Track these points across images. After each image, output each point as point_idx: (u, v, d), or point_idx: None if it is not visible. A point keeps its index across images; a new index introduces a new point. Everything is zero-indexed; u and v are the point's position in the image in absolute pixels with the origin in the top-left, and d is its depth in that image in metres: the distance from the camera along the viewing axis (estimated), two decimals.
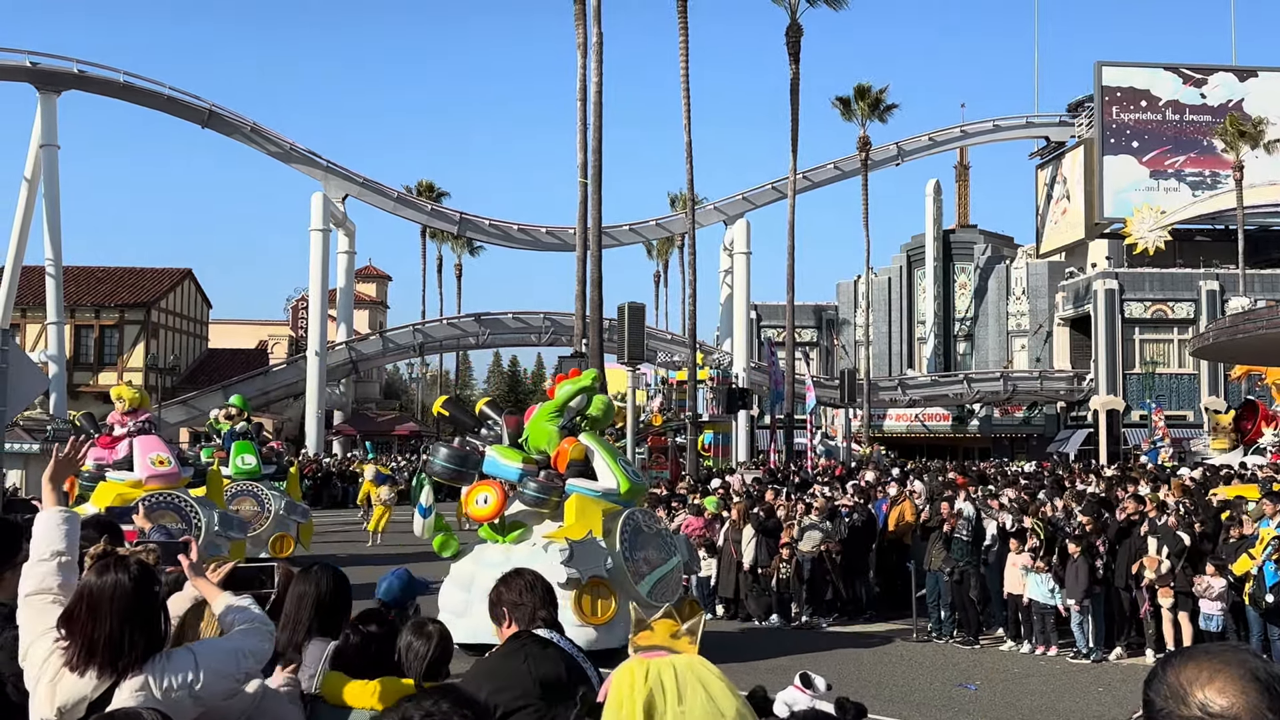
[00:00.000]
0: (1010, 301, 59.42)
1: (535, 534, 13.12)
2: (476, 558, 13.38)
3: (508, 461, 13.25)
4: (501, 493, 12.98)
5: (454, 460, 13.56)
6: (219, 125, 50.05)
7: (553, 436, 13.40)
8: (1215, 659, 1.84)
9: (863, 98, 53.88)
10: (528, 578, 4.30)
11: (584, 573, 12.22)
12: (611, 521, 12.85)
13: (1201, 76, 59.31)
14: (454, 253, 74.45)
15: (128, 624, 3.33)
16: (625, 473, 13.27)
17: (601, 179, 33.76)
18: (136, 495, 15.53)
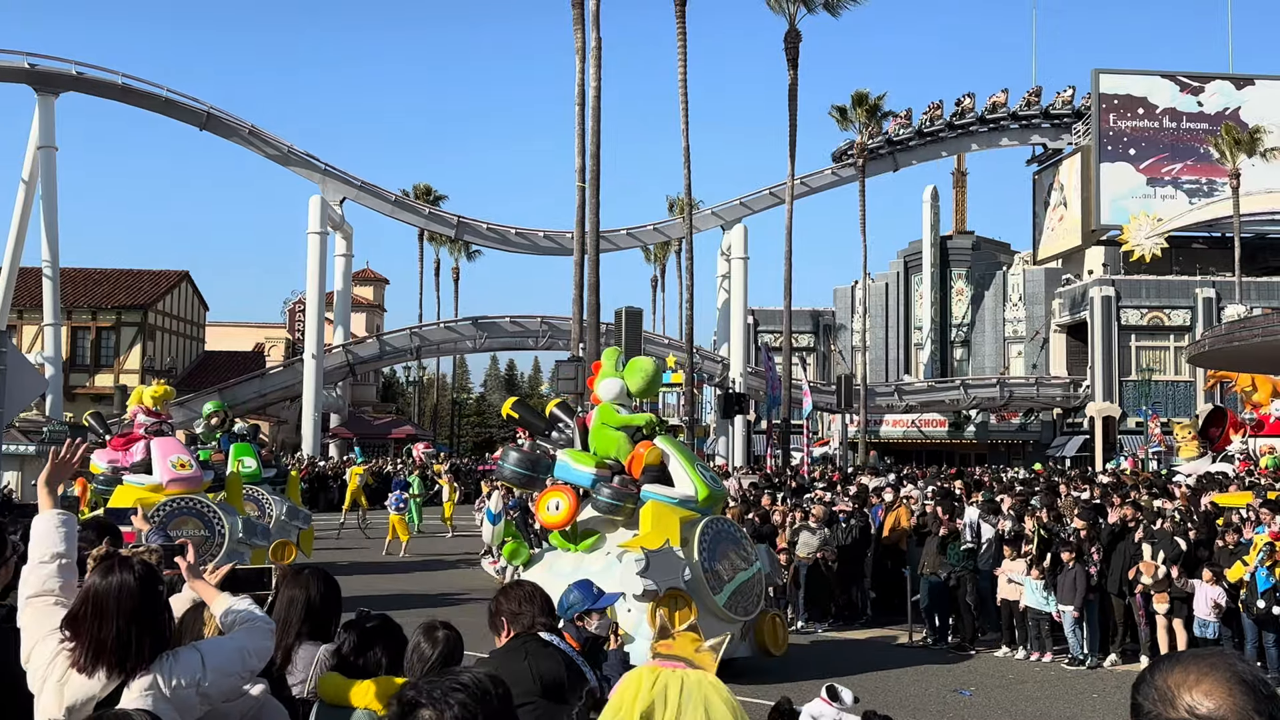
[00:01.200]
0: (1007, 308, 59.50)
1: (609, 542, 12.63)
2: (548, 567, 12.79)
3: (580, 466, 12.71)
4: (574, 499, 12.46)
5: (524, 464, 13.07)
6: (217, 127, 50.07)
7: (621, 443, 12.81)
8: (1202, 663, 1.86)
9: (860, 104, 53.95)
10: (527, 589, 4.35)
11: (661, 584, 11.61)
12: (689, 530, 12.29)
13: (1198, 84, 59.45)
14: (451, 256, 74.44)
15: (134, 624, 3.35)
16: (703, 478, 12.70)
17: (600, 183, 33.81)
18: (157, 500, 14.92)
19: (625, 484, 12.45)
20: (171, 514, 14.77)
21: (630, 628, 11.20)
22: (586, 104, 33.97)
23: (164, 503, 14.91)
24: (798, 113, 47.33)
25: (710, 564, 12.10)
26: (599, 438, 12.97)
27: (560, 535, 12.83)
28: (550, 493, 12.69)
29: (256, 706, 3.72)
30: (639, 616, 11.57)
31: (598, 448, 12.94)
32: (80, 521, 8.04)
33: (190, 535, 13.96)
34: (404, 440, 61.87)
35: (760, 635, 12.56)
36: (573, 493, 12.50)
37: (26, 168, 45.63)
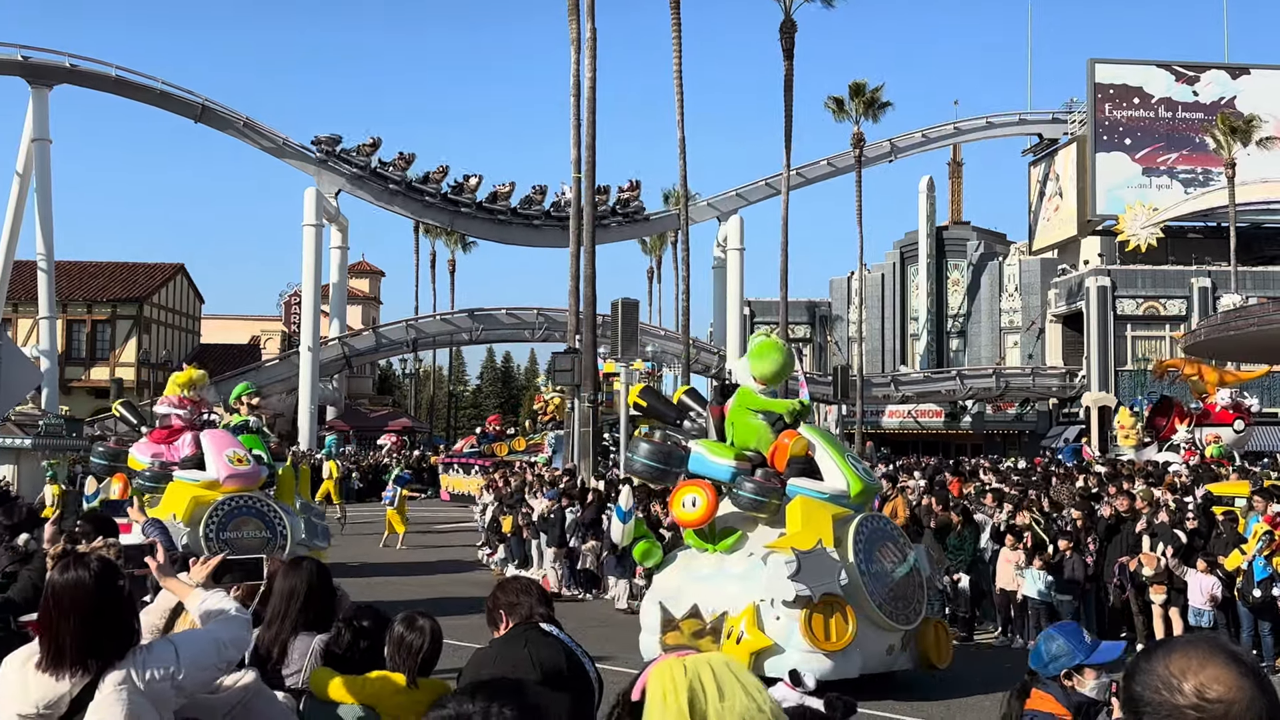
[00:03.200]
0: (1003, 298, 59.54)
1: (751, 542, 11.49)
2: (685, 569, 11.81)
3: (718, 458, 11.64)
4: (713, 494, 11.37)
5: (656, 457, 12.08)
6: (212, 120, 49.96)
7: (762, 433, 11.80)
8: (1200, 648, 1.87)
9: (857, 95, 53.90)
10: (523, 582, 4.33)
11: (815, 589, 10.51)
12: (842, 528, 11.12)
13: (1194, 74, 59.43)
14: (447, 248, 74.41)
15: (92, 621, 3.33)
16: (856, 471, 11.65)
17: (595, 175, 33.75)
18: (214, 498, 13.73)
19: (769, 477, 11.42)
20: (231, 514, 13.64)
21: (779, 637, 10.58)
22: (582, 95, 33.91)
23: (222, 501, 13.69)
24: (793, 104, 47.31)
25: (866, 566, 10.99)
26: (738, 426, 11.93)
27: (695, 534, 11.79)
28: (685, 488, 11.63)
29: (245, 697, 3.71)
30: (789, 625, 10.62)
31: (736, 438, 11.92)
32: (86, 515, 8.03)
33: (251, 537, 13.36)
34: (401, 433, 61.89)
35: (923, 645, 11.34)
36: (711, 488, 11.44)
37: (21, 161, 45.51)
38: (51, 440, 28.93)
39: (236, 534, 13.36)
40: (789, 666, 10.34)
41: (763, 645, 10.55)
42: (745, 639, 10.51)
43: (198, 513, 13.53)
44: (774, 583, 10.54)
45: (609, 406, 42.02)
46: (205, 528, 13.19)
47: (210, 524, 13.30)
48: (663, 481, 12.48)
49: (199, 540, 12.70)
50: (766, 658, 10.50)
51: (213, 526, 13.28)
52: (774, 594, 10.57)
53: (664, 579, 11.89)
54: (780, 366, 11.99)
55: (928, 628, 11.39)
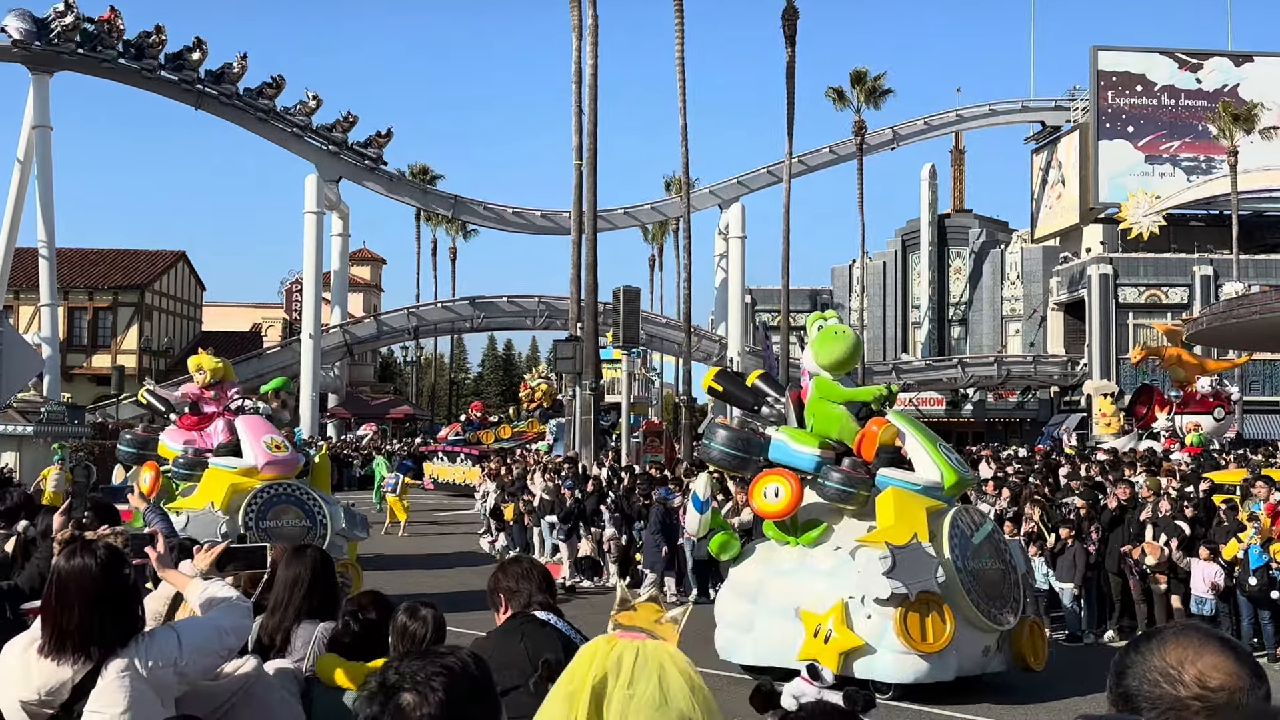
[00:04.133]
0: (1004, 286, 59.45)
1: (837, 535, 10.97)
2: (764, 562, 11.37)
3: (801, 446, 11.10)
4: (797, 485, 10.81)
5: (735, 444, 11.37)
6: (212, 106, 49.80)
7: (845, 421, 11.30)
8: (1192, 636, 1.85)
9: (859, 83, 53.75)
10: (524, 565, 4.23)
11: (912, 586, 9.95)
12: (935, 522, 10.54)
13: (1197, 61, 59.23)
14: (448, 236, 74.29)
15: (96, 608, 3.33)
16: (949, 461, 11.09)
17: (597, 162, 33.71)
18: (253, 485, 13.15)
19: (857, 467, 10.88)
20: (270, 502, 13.06)
21: (870, 637, 10.17)
22: (584, 82, 33.84)
23: (260, 489, 13.10)
24: (795, 91, 47.19)
25: (963, 562, 10.42)
26: (819, 414, 11.35)
27: (775, 526, 11.25)
28: (767, 477, 11.03)
29: (245, 685, 3.71)
30: (882, 624, 10.15)
31: (817, 426, 11.37)
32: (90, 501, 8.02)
33: (291, 526, 12.87)
34: (402, 420, 61.91)
35: (1018, 646, 10.75)
36: (795, 477, 10.88)
37: (21, 147, 45.38)
38: (53, 427, 28.92)
39: (276, 522, 12.87)
40: (882, 667, 10.00)
41: (852, 645, 10.16)
42: (833, 638, 10.15)
43: (235, 501, 12.98)
44: (867, 579, 10.06)
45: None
46: (244, 516, 12.70)
47: (249, 512, 12.83)
48: (742, 470, 11.95)
49: (238, 529, 12.28)
50: (856, 658, 10.17)
51: (251, 515, 12.81)
52: (866, 591, 10.10)
53: (742, 573, 11.43)
54: (847, 352, 11.45)
55: (1023, 628, 10.86)
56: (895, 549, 9.99)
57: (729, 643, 11.19)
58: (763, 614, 10.94)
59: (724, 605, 11.41)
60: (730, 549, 11.62)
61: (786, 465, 11.08)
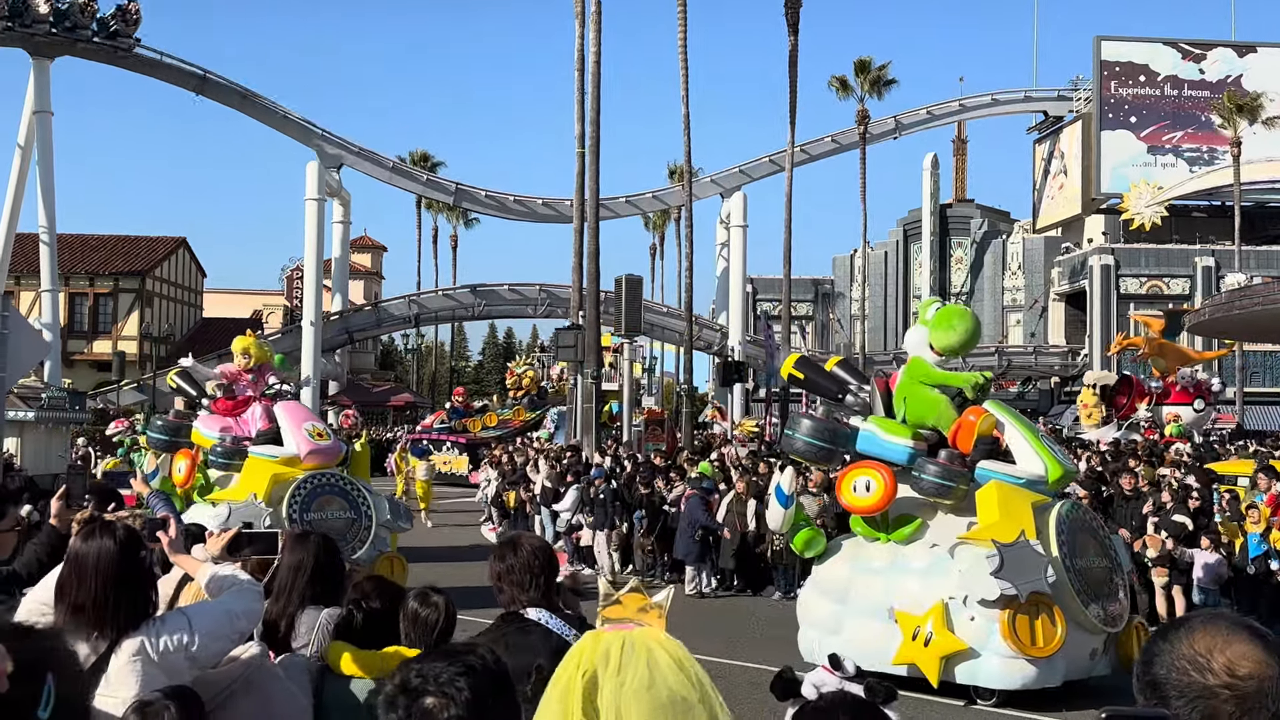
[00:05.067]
0: (1006, 276, 59.42)
1: (933, 532, 10.43)
2: (852, 560, 10.81)
3: (893, 437, 10.53)
4: (890, 478, 10.24)
5: (821, 435, 10.72)
6: (212, 92, 49.69)
7: (942, 409, 10.66)
8: (1220, 624, 1.84)
9: (863, 72, 53.64)
10: (510, 558, 3.97)
11: (1021, 587, 9.39)
12: (1041, 518, 9.97)
13: (1200, 52, 59.11)
14: (449, 223, 74.22)
15: (113, 588, 3.34)
16: (1052, 453, 10.47)
17: (599, 150, 33.61)
18: (295, 475, 12.49)
19: (954, 459, 10.27)
20: (313, 493, 12.41)
21: (974, 640, 9.69)
22: (586, 69, 33.73)
23: (304, 479, 12.43)
24: (798, 80, 47.10)
25: (1071, 561, 9.85)
26: (912, 401, 10.75)
27: (863, 521, 10.69)
28: (857, 470, 10.47)
29: (247, 672, 3.70)
30: (988, 626, 9.63)
31: (910, 414, 10.77)
32: (90, 487, 8.04)
33: (335, 517, 12.30)
34: (403, 408, 61.92)
35: (1125, 648, 10.21)
36: (888, 470, 10.32)
37: (22, 133, 45.28)
38: (55, 413, 28.91)
39: (320, 514, 12.25)
40: (987, 672, 9.70)
41: (955, 649, 9.71)
42: (934, 641, 9.71)
43: (277, 491, 12.36)
44: (971, 579, 9.54)
45: None
46: (288, 508, 12.06)
47: (293, 503, 12.18)
48: (828, 462, 11.38)
49: (281, 521, 11.63)
50: (959, 662, 9.76)
51: (295, 506, 12.17)
52: (970, 592, 9.61)
53: (828, 571, 10.92)
54: (967, 336, 10.82)
55: (1130, 629, 10.37)
56: (1003, 547, 9.39)
57: (814, 644, 10.65)
58: (852, 615, 10.47)
59: (809, 605, 10.93)
60: (815, 546, 11.06)
61: (876, 457, 10.54)
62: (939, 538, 10.31)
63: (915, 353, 10.95)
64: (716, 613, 15.07)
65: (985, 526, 9.79)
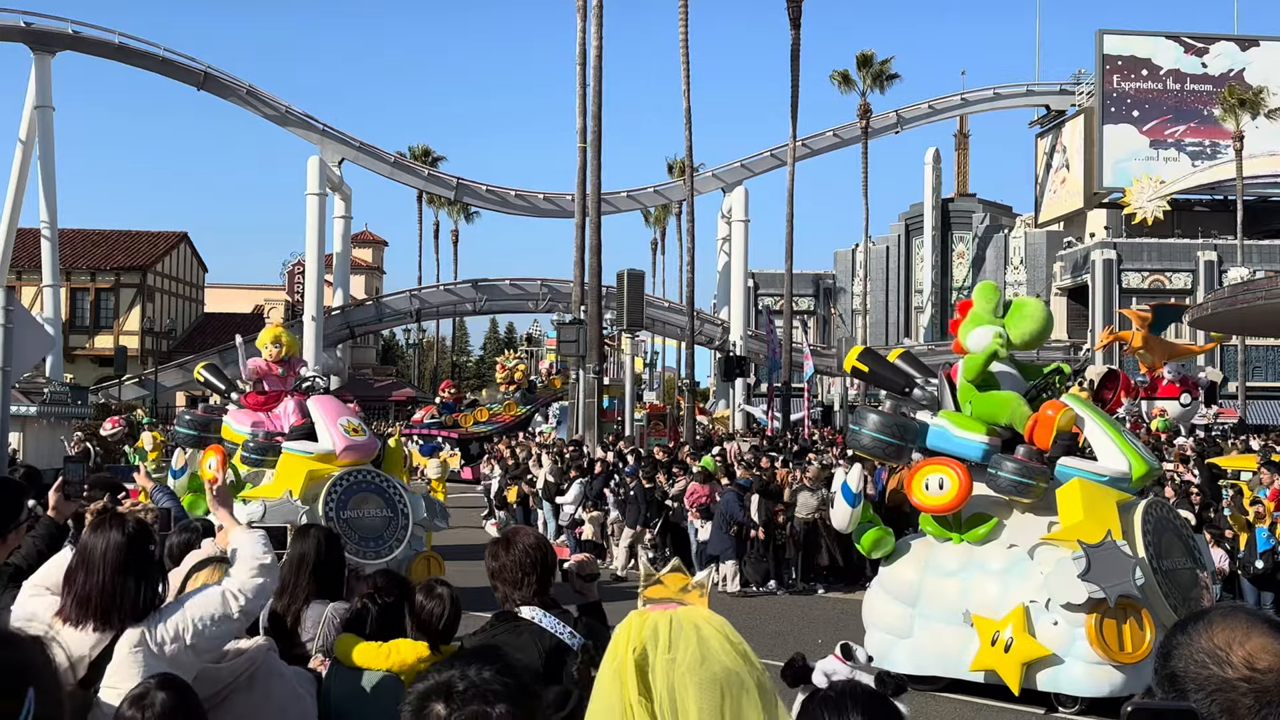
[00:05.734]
0: (1008, 271, 59.38)
1: (1010, 532, 9.98)
2: (923, 562, 10.37)
3: (966, 433, 10.05)
4: (965, 476, 9.79)
5: (889, 430, 10.20)
6: (214, 87, 49.68)
7: (1015, 404, 10.15)
8: (1236, 617, 1.83)
9: (865, 66, 53.58)
10: (520, 545, 3.92)
11: (1110, 590, 8.94)
12: (1125, 517, 9.48)
13: (1203, 45, 59.02)
14: (450, 218, 74.20)
15: (120, 577, 3.37)
16: (1135, 449, 10.01)
17: (601, 144, 33.58)
18: (330, 471, 11.95)
19: (1032, 456, 9.83)
20: (349, 490, 11.86)
21: (1058, 646, 9.33)
22: (588, 63, 33.68)
23: (340, 476, 11.84)
24: (800, 74, 47.04)
25: (1158, 562, 9.40)
26: (982, 400, 10.24)
27: (933, 520, 10.22)
28: (929, 467, 9.99)
29: (251, 668, 3.69)
30: (1072, 631, 9.26)
31: (980, 409, 10.28)
32: (94, 480, 8.03)
33: (372, 517, 11.85)
34: (404, 402, 61.92)
35: None
36: (963, 468, 9.87)
37: (24, 128, 45.29)
38: (57, 408, 28.94)
39: (357, 513, 11.75)
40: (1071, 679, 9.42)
41: (1037, 654, 9.34)
42: (1014, 646, 9.35)
43: (312, 489, 11.80)
44: (1054, 582, 9.10)
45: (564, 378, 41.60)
46: (324, 505, 11.50)
47: (329, 501, 11.62)
48: (896, 459, 10.87)
49: (318, 520, 11.01)
50: (1042, 669, 9.41)
51: (331, 504, 11.59)
52: (1053, 595, 9.23)
53: (896, 573, 10.44)
54: (1043, 327, 10.50)
55: None
56: (1089, 548, 8.91)
57: (881, 648, 10.23)
58: (923, 618, 10.06)
59: (876, 608, 10.48)
60: (884, 546, 10.56)
61: (946, 453, 10.07)
62: (1016, 538, 9.89)
63: (978, 349, 10.36)
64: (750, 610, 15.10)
65: (1069, 527, 9.36)
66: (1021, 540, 9.81)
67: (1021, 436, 10.08)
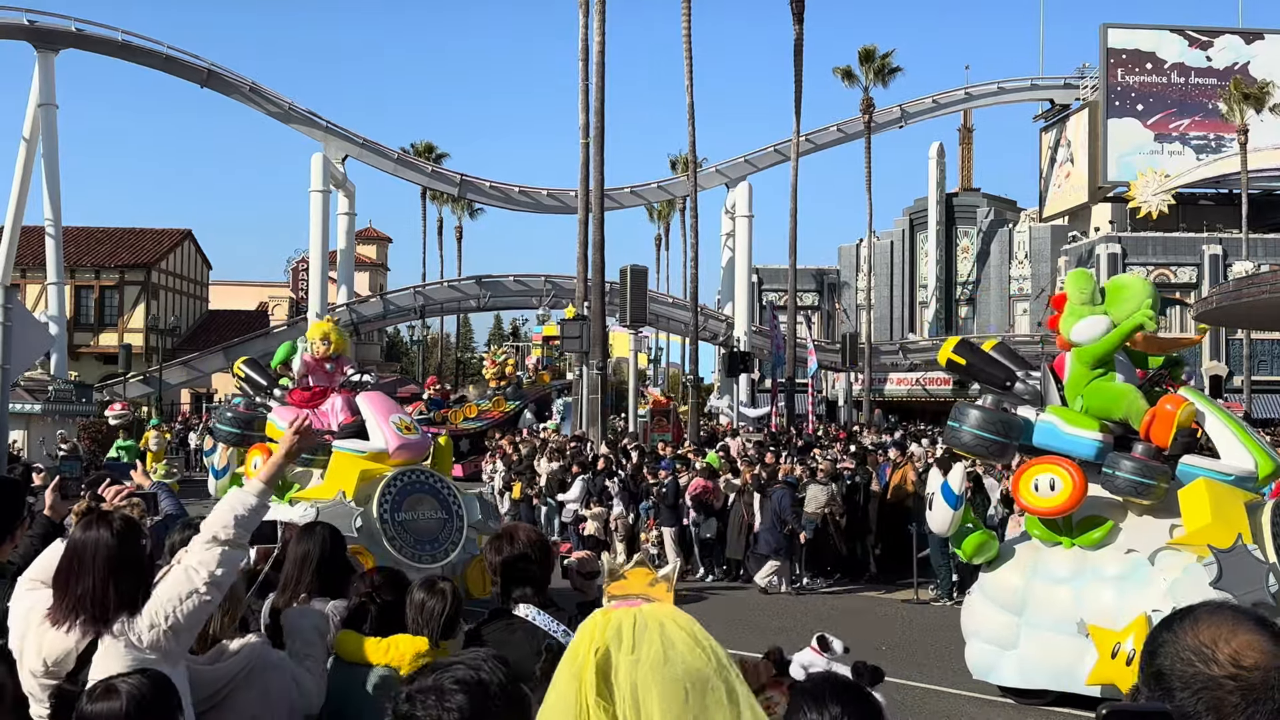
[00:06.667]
0: (1012, 265, 59.29)
1: (1127, 536, 9.39)
2: (1029, 567, 9.80)
3: (1077, 430, 9.43)
4: (1080, 476, 9.20)
5: (993, 427, 9.54)
6: (218, 85, 49.69)
7: (1130, 398, 9.49)
8: (1223, 614, 1.83)
9: (868, 60, 53.48)
10: (522, 539, 3.95)
11: (1243, 598, 8.16)
12: (1253, 518, 8.82)
13: (1207, 39, 58.87)
14: (454, 215, 74.22)
15: (110, 578, 3.36)
16: (1261, 446, 9.37)
17: (604, 140, 33.55)
18: (382, 471, 11.34)
19: (1151, 455, 9.22)
20: (404, 491, 11.26)
21: None
22: (590, 59, 33.65)
23: (393, 476, 11.25)
24: (803, 69, 46.96)
25: None
26: (1095, 393, 9.59)
27: (1041, 524, 9.65)
28: (1039, 466, 9.43)
29: (247, 666, 3.67)
30: None
31: (1095, 403, 9.65)
32: (91, 476, 8.02)
33: (427, 519, 11.26)
34: (407, 400, 61.89)
35: None
36: (1076, 467, 9.27)
37: (27, 126, 45.34)
38: (61, 405, 29.01)
39: (411, 514, 11.20)
40: None
41: None
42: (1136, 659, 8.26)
43: (364, 490, 11.22)
44: (1181, 589, 8.38)
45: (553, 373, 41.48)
46: (379, 508, 10.95)
47: (383, 503, 11.06)
48: (999, 458, 10.35)
49: (373, 523, 10.69)
50: None
51: (386, 506, 11.04)
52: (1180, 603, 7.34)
53: (1000, 579, 9.86)
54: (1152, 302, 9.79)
55: None
56: (1221, 554, 8.28)
57: (983, 659, 9.89)
58: (1031, 628, 9.57)
59: (978, 617, 9.92)
60: (987, 551, 9.95)
61: (1056, 451, 9.51)
62: (1134, 542, 9.30)
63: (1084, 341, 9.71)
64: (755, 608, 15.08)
65: (1196, 531, 8.75)
66: (1140, 545, 9.23)
67: (1136, 433, 9.48)
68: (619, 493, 18.29)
